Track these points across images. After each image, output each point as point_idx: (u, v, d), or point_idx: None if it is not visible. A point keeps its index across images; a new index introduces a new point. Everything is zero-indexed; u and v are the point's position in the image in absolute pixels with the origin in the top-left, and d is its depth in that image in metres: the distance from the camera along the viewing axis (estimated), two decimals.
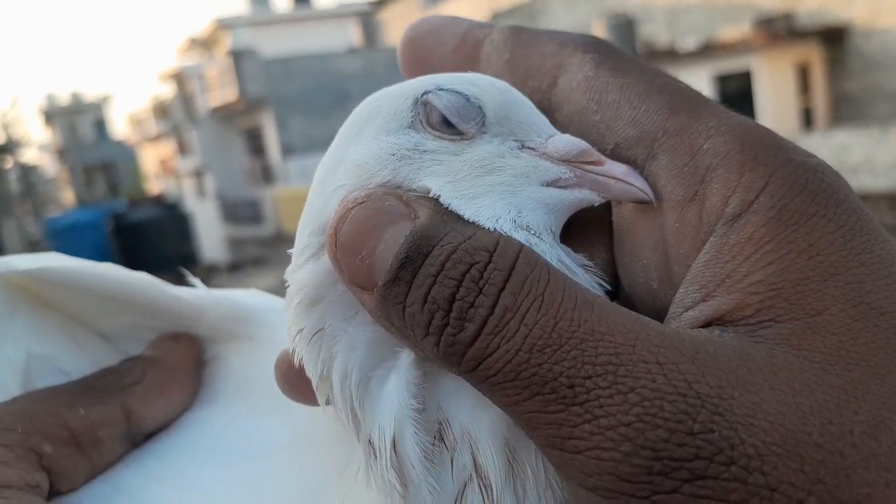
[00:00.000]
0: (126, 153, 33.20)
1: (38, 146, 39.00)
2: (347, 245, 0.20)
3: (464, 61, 0.24)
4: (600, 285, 0.21)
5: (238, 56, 18.96)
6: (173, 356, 0.26)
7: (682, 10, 15.41)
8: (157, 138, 26.13)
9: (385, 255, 0.19)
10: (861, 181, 9.29)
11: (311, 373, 0.22)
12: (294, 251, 0.23)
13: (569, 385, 0.16)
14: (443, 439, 0.21)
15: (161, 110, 25.69)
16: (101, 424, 0.24)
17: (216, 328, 0.27)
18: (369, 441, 0.22)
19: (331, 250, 0.20)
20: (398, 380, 0.21)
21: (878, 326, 0.16)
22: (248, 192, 20.59)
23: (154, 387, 0.25)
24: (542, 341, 0.17)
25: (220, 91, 19.92)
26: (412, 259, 0.18)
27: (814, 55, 12.98)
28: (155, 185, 27.00)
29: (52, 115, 37.65)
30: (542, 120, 0.23)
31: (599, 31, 14.38)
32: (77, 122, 37.84)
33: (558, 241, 0.21)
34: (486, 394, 0.18)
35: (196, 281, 0.29)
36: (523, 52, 0.23)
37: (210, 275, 11.10)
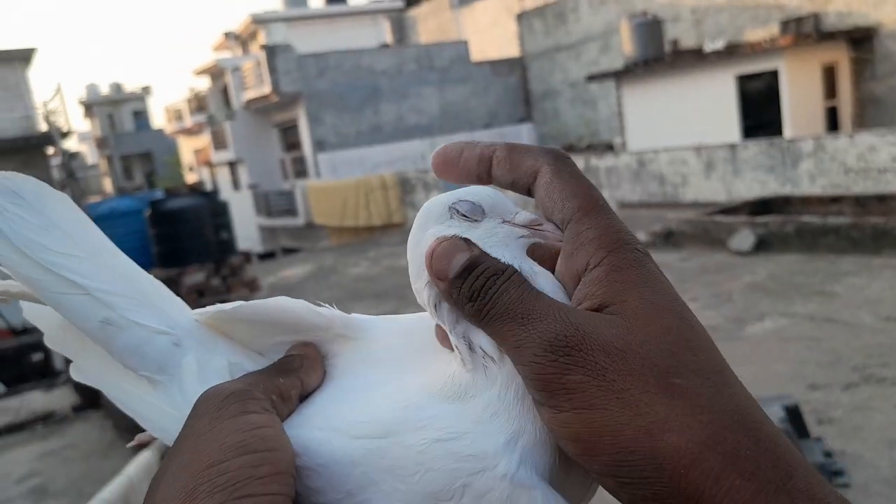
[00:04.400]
0: (164, 143, 32.85)
1: (78, 135, 39.52)
2: (437, 258, 0.38)
3: (482, 170, 0.40)
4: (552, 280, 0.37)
5: (273, 51, 18.89)
6: (310, 352, 0.44)
7: (708, 11, 15.09)
8: (193, 130, 26.11)
9: (455, 265, 0.37)
10: (888, 182, 8.91)
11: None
12: (414, 288, 0.40)
13: (510, 321, 0.35)
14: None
15: (197, 103, 25.98)
16: (291, 387, 0.41)
17: (338, 334, 0.44)
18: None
19: (427, 260, 0.38)
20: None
21: (654, 304, 0.33)
22: (280, 184, 20.69)
23: (309, 368, 0.43)
24: (506, 307, 0.35)
25: (255, 85, 19.91)
26: (468, 269, 0.37)
27: (841, 56, 12.67)
28: (190, 176, 26.98)
29: (93, 105, 37.73)
30: (512, 206, 0.40)
31: (626, 30, 14.31)
32: (117, 112, 38.29)
33: (525, 258, 0.38)
34: (485, 329, 0.36)
35: (326, 305, 0.45)
36: (516, 163, 0.39)
37: (244, 263, 11.06)
